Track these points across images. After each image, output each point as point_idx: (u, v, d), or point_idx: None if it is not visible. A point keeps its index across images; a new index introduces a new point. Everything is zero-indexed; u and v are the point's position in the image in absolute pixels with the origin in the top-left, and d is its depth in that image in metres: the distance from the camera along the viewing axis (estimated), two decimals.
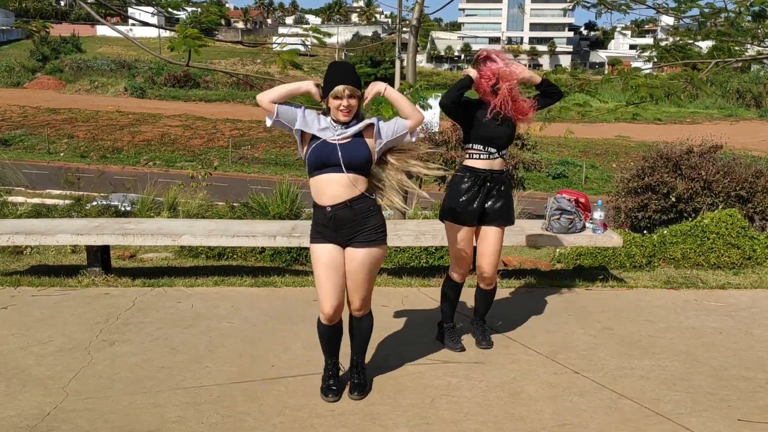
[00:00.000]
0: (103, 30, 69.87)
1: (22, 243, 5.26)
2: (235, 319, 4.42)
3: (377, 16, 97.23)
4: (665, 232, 6.73)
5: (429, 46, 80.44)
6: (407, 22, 8.98)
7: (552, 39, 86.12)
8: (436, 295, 4.94)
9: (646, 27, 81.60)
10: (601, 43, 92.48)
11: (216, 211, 9.67)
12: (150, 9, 6.40)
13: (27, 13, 61.48)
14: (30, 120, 38.97)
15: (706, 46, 7.68)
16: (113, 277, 5.27)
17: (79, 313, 4.46)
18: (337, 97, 3.12)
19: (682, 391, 3.45)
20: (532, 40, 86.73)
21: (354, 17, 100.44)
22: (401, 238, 5.31)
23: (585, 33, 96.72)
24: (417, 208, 9.66)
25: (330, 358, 3.40)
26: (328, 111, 3.20)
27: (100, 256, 5.41)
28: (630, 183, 10.48)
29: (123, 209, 9.82)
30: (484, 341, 4.02)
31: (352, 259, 3.22)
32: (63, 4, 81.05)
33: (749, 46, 7.43)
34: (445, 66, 78.71)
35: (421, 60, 73.27)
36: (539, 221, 5.61)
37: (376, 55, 56.83)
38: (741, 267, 6.21)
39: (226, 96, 50.41)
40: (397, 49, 11.16)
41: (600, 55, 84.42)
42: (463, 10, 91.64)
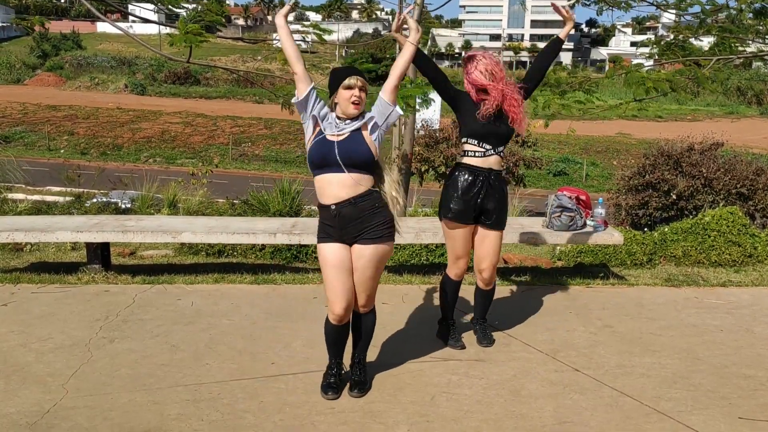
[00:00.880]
0: (103, 27, 69.82)
1: (21, 240, 5.26)
2: (235, 316, 4.42)
3: (378, 13, 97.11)
4: (666, 229, 6.72)
5: (429, 43, 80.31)
6: None
7: (553, 36, 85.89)
8: (436, 292, 4.94)
9: (647, 24, 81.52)
10: (602, 40, 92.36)
11: (216, 208, 9.66)
12: (150, 6, 6.39)
13: (27, 9, 61.41)
14: (30, 117, 38.94)
15: (707, 42, 7.66)
16: (113, 275, 5.26)
17: (79, 311, 4.46)
18: (350, 87, 3.14)
19: (683, 389, 3.45)
20: (533, 37, 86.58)
21: (354, 14, 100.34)
22: (401, 236, 5.28)
23: (586, 30, 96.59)
24: (417, 205, 9.65)
25: (335, 357, 3.38)
26: (334, 107, 3.21)
27: (100, 254, 5.41)
28: (631, 180, 10.47)
29: (123, 206, 9.81)
30: (485, 340, 4.01)
31: (360, 256, 3.22)
32: (63, 1, 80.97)
33: (750, 42, 7.42)
34: (446, 63, 78.63)
35: None
36: (540, 219, 5.60)
37: (377, 53, 56.76)
38: (742, 265, 6.20)
39: (227, 93, 50.37)
40: (397, 46, 11.11)
41: (601, 53, 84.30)
42: (463, 7, 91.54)
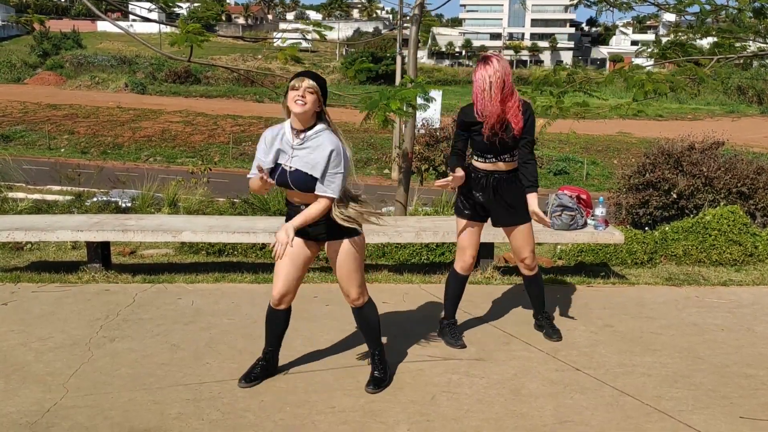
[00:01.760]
0: (103, 26, 69.80)
1: (22, 239, 5.25)
2: (236, 315, 4.41)
3: (378, 11, 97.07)
4: (667, 228, 6.71)
5: (430, 42, 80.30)
6: (408, 18, 8.95)
7: (553, 35, 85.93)
8: (436, 291, 4.94)
9: (648, 23, 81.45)
10: (603, 39, 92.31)
11: (217, 207, 9.66)
12: (147, 5, 6.39)
13: (27, 8, 61.38)
14: (30, 116, 38.96)
15: (707, 42, 7.66)
16: (113, 274, 5.26)
17: (79, 310, 4.45)
18: (294, 88, 3.09)
19: (684, 389, 3.44)
20: (533, 36, 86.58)
21: (355, 13, 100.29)
22: (402, 235, 5.30)
23: (586, 29, 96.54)
24: (417, 204, 9.64)
25: (267, 345, 3.48)
26: (288, 114, 3.18)
27: (100, 253, 5.40)
28: (631, 179, 10.44)
29: (123, 205, 9.81)
30: (554, 335, 4.07)
31: (334, 251, 3.30)
32: (63, 0, 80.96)
33: (750, 42, 7.41)
34: (446, 62, 78.61)
35: (422, 56, 73.16)
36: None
37: (378, 51, 56.79)
38: (743, 264, 6.20)
39: (227, 92, 50.39)
40: (398, 44, 11.15)
41: (601, 52, 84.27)
42: (464, 6, 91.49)
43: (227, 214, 8.16)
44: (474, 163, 3.88)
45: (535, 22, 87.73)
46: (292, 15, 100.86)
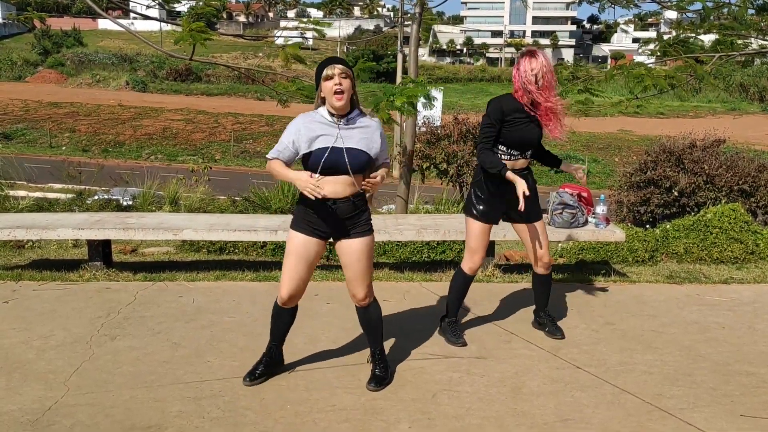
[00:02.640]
0: (104, 23, 69.81)
1: (23, 237, 5.26)
2: (237, 313, 4.41)
3: (379, 9, 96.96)
4: (668, 226, 6.70)
5: (431, 39, 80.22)
6: (409, 15, 8.95)
7: (554, 32, 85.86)
8: (437, 289, 4.94)
9: (649, 21, 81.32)
10: (604, 36, 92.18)
11: (218, 205, 9.66)
12: (147, 2, 6.38)
13: (28, 6, 61.39)
14: (32, 114, 38.96)
15: (708, 40, 7.64)
16: (114, 272, 5.27)
17: (81, 308, 4.46)
18: (329, 77, 3.08)
19: (685, 387, 3.44)
20: (534, 34, 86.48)
21: (356, 11, 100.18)
22: (403, 233, 5.30)
23: (588, 26, 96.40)
24: (419, 202, 9.64)
25: (273, 340, 3.48)
26: (323, 102, 3.18)
27: (101, 251, 5.41)
28: (632, 177, 10.43)
29: (124, 203, 9.81)
30: (558, 332, 4.07)
31: (352, 250, 3.27)
32: None
33: (753, 39, 7.39)
34: (447, 60, 78.54)
35: (423, 54, 73.06)
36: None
37: (379, 49, 56.73)
38: (744, 262, 6.19)
39: (228, 90, 50.35)
40: (399, 42, 11.14)
41: (603, 49, 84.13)
42: (465, 3, 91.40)
43: (228, 212, 8.16)
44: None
45: (536, 20, 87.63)
46: (293, 13, 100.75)
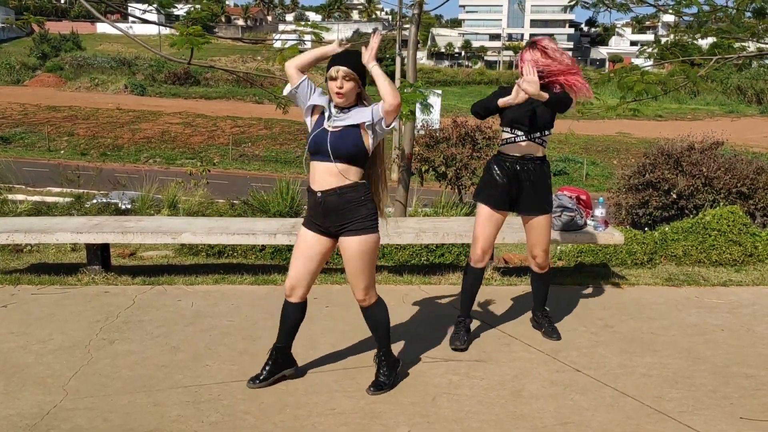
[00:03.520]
0: (103, 27, 69.81)
1: (21, 241, 5.25)
2: (236, 317, 4.41)
3: (377, 12, 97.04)
4: (666, 229, 6.71)
5: (429, 42, 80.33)
6: (407, 19, 8.97)
7: (553, 35, 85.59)
8: (436, 292, 4.94)
9: (647, 24, 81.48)
10: (602, 40, 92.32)
11: (216, 208, 9.65)
12: (143, 6, 6.39)
13: (27, 10, 61.35)
14: (30, 118, 38.95)
15: (706, 43, 7.66)
16: (113, 276, 5.26)
17: (79, 312, 4.45)
18: (332, 78, 3.15)
19: (684, 389, 3.44)
20: (532, 37, 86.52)
21: (354, 14, 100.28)
22: (401, 236, 5.30)
23: (586, 30, 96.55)
24: (417, 205, 9.64)
25: (281, 341, 3.43)
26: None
27: (99, 255, 5.40)
28: (631, 180, 10.45)
29: (123, 207, 9.80)
30: (554, 334, 4.08)
31: (346, 248, 3.24)
32: (63, 2, 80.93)
33: (750, 43, 7.41)
34: (446, 63, 78.61)
35: (422, 57, 73.15)
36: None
37: (377, 52, 56.78)
38: (742, 264, 6.19)
39: (227, 93, 50.37)
40: (397, 45, 11.15)
41: (601, 52, 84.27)
42: (463, 6, 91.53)
43: (227, 216, 8.16)
44: (501, 149, 3.91)
45: (534, 23, 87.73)
46: (291, 16, 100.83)
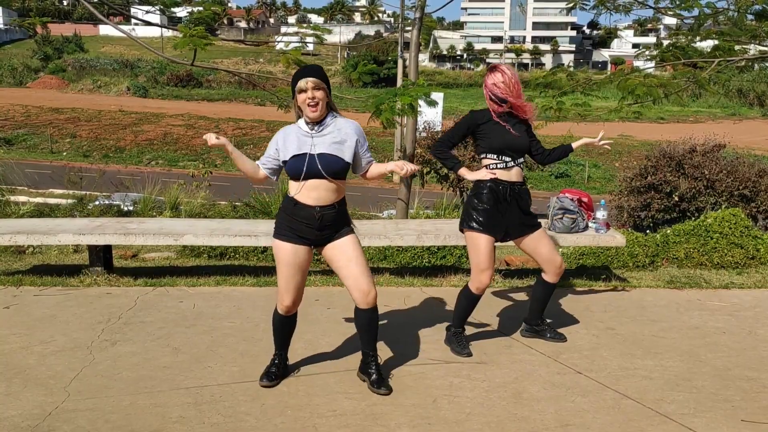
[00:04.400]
0: (105, 29, 69.98)
1: (24, 243, 5.26)
2: (237, 318, 4.41)
3: (380, 15, 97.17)
4: (668, 231, 6.70)
5: (431, 45, 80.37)
6: (409, 21, 8.98)
7: (554, 38, 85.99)
8: (438, 294, 4.94)
9: (649, 26, 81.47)
10: (604, 42, 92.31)
11: (218, 210, 9.68)
12: (148, 8, 6.42)
13: (30, 12, 61.52)
14: (33, 119, 39.04)
15: (707, 45, 7.66)
16: (115, 277, 5.27)
17: (81, 313, 4.46)
18: (302, 90, 3.18)
19: (685, 392, 3.44)
20: (534, 39, 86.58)
21: (357, 17, 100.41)
22: (403, 238, 5.30)
23: (588, 32, 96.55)
24: (419, 207, 9.64)
25: (280, 349, 3.52)
26: (300, 113, 3.27)
27: (102, 256, 5.41)
28: (633, 182, 10.44)
29: (125, 209, 9.83)
30: (559, 336, 4.09)
31: (345, 248, 3.31)
32: (66, 4, 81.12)
33: (752, 45, 7.41)
34: (448, 65, 78.63)
35: (424, 59, 73.20)
36: (542, 221, 5.59)
37: (379, 55, 56.83)
38: (744, 267, 6.19)
39: (229, 95, 50.47)
40: (399, 47, 11.17)
41: (603, 54, 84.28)
42: (465, 9, 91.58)
43: (229, 218, 8.17)
44: (498, 174, 3.83)
45: (536, 25, 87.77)
46: (293, 18, 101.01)
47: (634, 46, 76.20)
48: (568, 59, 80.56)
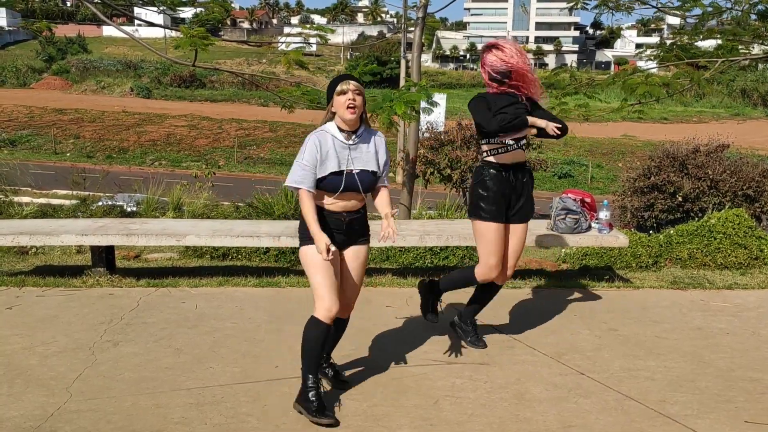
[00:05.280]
0: (109, 30, 70.06)
1: (26, 243, 5.27)
2: (239, 319, 4.41)
3: (382, 15, 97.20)
4: (671, 231, 6.68)
5: (434, 45, 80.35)
6: (412, 22, 8.98)
7: (558, 38, 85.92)
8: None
9: (652, 26, 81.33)
10: (608, 42, 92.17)
11: (221, 211, 9.67)
12: (153, 9, 6.43)
13: (33, 13, 61.72)
14: (36, 120, 39.12)
15: (709, 45, 7.64)
16: (117, 278, 5.27)
17: (84, 314, 4.46)
18: (343, 92, 3.15)
19: (689, 393, 3.42)
20: (537, 40, 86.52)
21: (360, 17, 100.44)
22: (406, 239, 5.29)
23: (591, 32, 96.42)
24: (422, 208, 9.63)
25: (318, 369, 3.20)
26: (331, 117, 3.21)
27: (104, 257, 5.41)
28: (636, 182, 10.42)
29: (128, 209, 9.84)
30: (480, 343, 3.99)
31: (356, 257, 3.33)
32: (69, 5, 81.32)
33: (755, 45, 7.39)
34: (451, 66, 78.59)
35: (427, 60, 73.20)
36: (545, 221, 5.58)
37: (382, 55, 56.83)
38: (748, 267, 6.17)
39: (232, 96, 50.51)
40: (402, 48, 11.17)
41: (606, 55, 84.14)
42: (468, 9, 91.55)
43: (231, 218, 8.17)
44: (492, 159, 3.78)
45: (539, 26, 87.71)
46: (296, 19, 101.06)
47: (638, 46, 76.09)
48: (571, 59, 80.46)
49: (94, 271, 5.35)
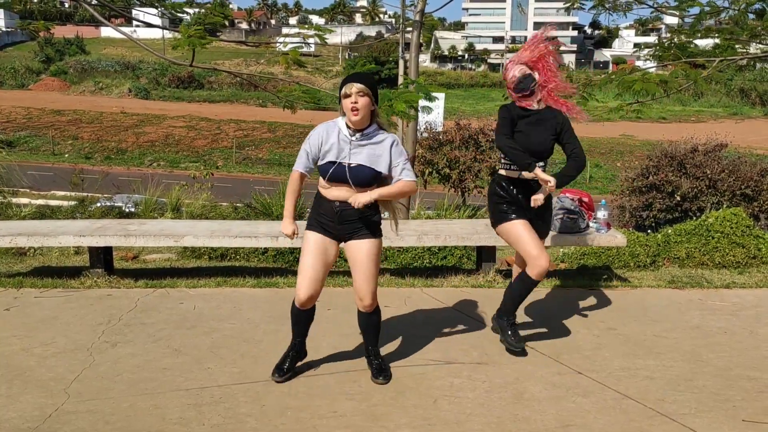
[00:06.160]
0: (107, 31, 70.07)
1: (24, 244, 5.26)
2: (238, 320, 4.41)
3: (381, 16, 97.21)
4: (670, 231, 6.69)
5: (433, 45, 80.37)
6: (410, 22, 8.99)
7: (556, 38, 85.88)
8: (438, 295, 4.93)
9: (650, 26, 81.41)
10: (606, 42, 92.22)
11: (219, 211, 9.68)
12: (153, 10, 6.42)
13: (31, 14, 61.66)
14: (35, 121, 39.12)
15: (706, 44, 7.65)
16: (116, 279, 5.27)
17: (82, 315, 4.46)
18: (346, 95, 3.26)
19: (687, 392, 3.43)
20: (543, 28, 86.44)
21: (358, 18, 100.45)
22: (404, 239, 5.29)
23: (589, 32, 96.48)
24: (420, 208, 9.64)
25: (298, 336, 3.55)
26: (344, 114, 3.35)
27: (102, 258, 5.41)
28: (634, 182, 10.44)
29: (127, 210, 9.84)
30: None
31: (359, 250, 3.40)
32: (67, 6, 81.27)
33: (754, 44, 7.40)
34: (449, 66, 78.60)
35: (425, 60, 73.21)
36: None
37: (380, 55, 56.85)
38: (746, 266, 6.17)
39: (230, 97, 50.52)
40: (400, 48, 11.18)
41: (604, 54, 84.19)
42: (466, 9, 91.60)
43: (230, 219, 8.17)
44: (503, 172, 3.80)
45: (537, 26, 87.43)
46: (294, 20, 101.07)
47: (636, 45, 76.16)
48: (569, 59, 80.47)
49: (92, 272, 5.35)
